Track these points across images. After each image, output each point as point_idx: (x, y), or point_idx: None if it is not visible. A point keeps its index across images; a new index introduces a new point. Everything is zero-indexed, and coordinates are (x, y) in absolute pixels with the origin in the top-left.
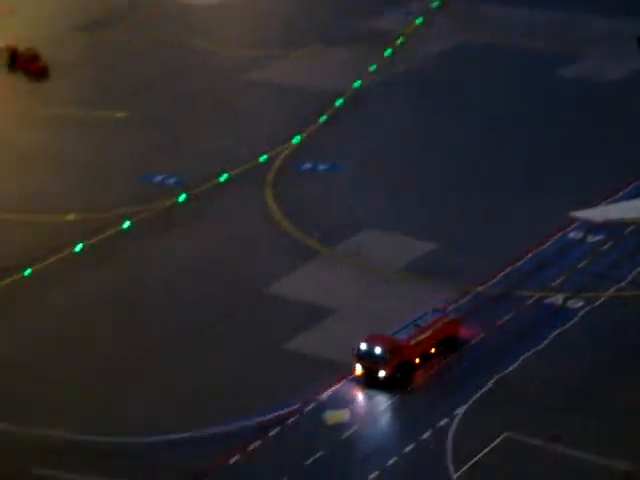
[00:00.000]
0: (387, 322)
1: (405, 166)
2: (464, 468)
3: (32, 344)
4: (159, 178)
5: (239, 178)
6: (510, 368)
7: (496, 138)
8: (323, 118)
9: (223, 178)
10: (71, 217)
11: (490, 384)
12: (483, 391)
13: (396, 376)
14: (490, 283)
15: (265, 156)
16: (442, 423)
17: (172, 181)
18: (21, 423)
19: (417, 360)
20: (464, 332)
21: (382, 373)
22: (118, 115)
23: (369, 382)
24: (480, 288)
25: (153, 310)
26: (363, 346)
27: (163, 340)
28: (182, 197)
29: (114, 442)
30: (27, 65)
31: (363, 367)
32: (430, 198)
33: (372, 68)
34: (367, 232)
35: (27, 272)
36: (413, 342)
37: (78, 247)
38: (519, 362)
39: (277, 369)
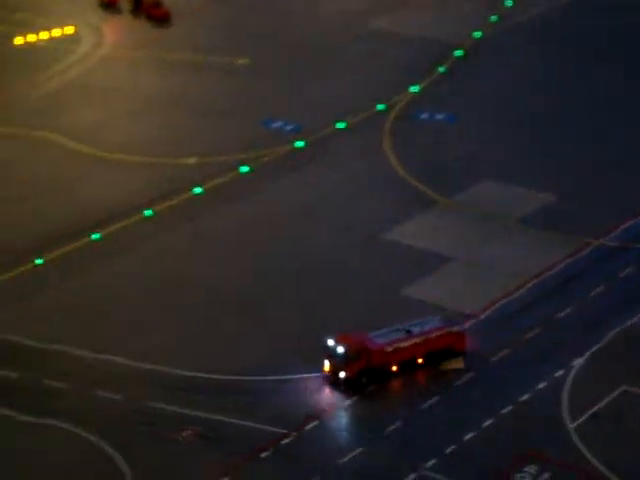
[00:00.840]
0: (503, 272)
1: (523, 117)
2: (581, 419)
3: (154, 282)
4: (278, 124)
5: (357, 126)
6: (629, 322)
7: (624, 91)
8: (442, 68)
9: (341, 125)
10: (192, 160)
11: (609, 337)
12: (601, 344)
13: (360, 380)
14: (610, 236)
15: (383, 105)
16: (558, 374)
17: (290, 127)
18: (135, 358)
19: (394, 368)
20: (471, 345)
21: (342, 374)
22: (240, 62)
23: (332, 381)
24: (599, 240)
25: (271, 251)
26: (330, 342)
27: (281, 281)
28: (300, 143)
29: (230, 380)
30: (150, 10)
31: (330, 364)
32: (549, 150)
33: (493, 18)
34: (484, 182)
35: (148, 213)
36: (390, 348)
37: (198, 189)
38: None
39: (394, 314)
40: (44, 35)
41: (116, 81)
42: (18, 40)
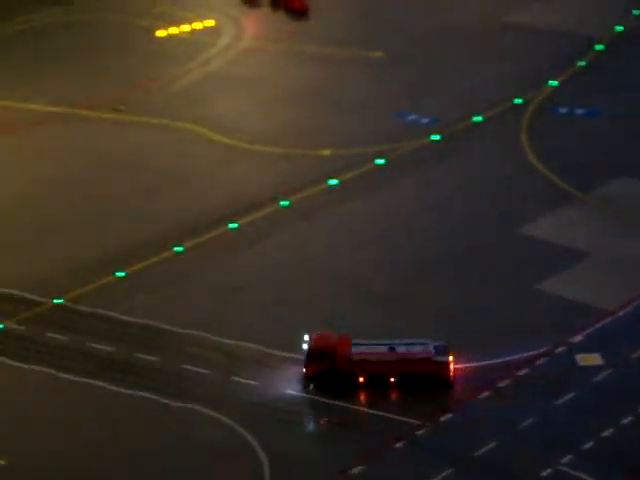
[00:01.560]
0: None
1: None
2: None
3: (290, 271)
4: (413, 117)
5: (493, 119)
6: None
7: None
8: (582, 62)
9: (478, 119)
10: (327, 152)
11: None
12: None
13: (322, 381)
14: None
15: (521, 99)
16: None
17: (426, 120)
18: (273, 346)
19: (361, 379)
20: (454, 375)
21: (303, 370)
22: (375, 54)
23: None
24: None
25: (406, 244)
26: (305, 337)
27: (415, 275)
28: (435, 137)
29: None
30: (289, 4)
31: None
32: None
33: (636, 12)
34: (623, 179)
35: (285, 203)
36: (356, 358)
37: (333, 181)
38: None
39: (529, 309)
40: (185, 28)
41: (255, 73)
42: (160, 33)
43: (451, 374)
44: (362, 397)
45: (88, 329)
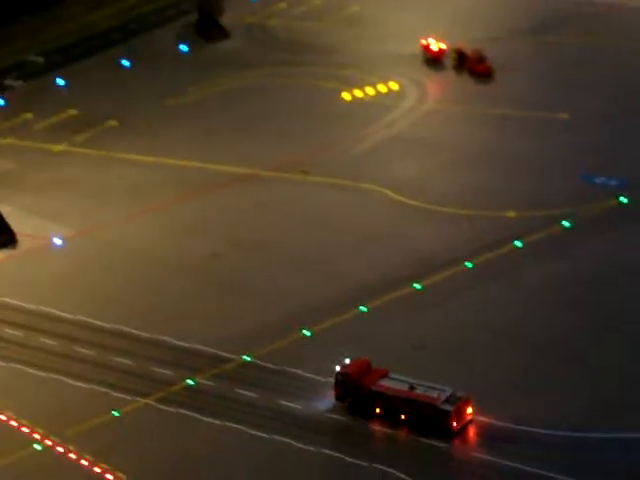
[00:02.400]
0: None
1: None
2: None
3: (474, 332)
4: (600, 178)
5: None
6: None
7: None
8: None
9: None
10: (511, 214)
11: None
12: None
13: (346, 403)
14: None
15: None
16: None
17: (614, 182)
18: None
19: (378, 410)
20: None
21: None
22: (560, 116)
23: None
24: None
25: (594, 308)
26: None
27: (602, 338)
28: (624, 199)
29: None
30: (474, 66)
31: None
32: None
33: None
34: None
35: (468, 264)
36: (374, 389)
37: (518, 243)
38: None
39: None
40: (370, 91)
41: (438, 135)
42: (346, 95)
43: (454, 424)
44: (375, 425)
45: (276, 386)
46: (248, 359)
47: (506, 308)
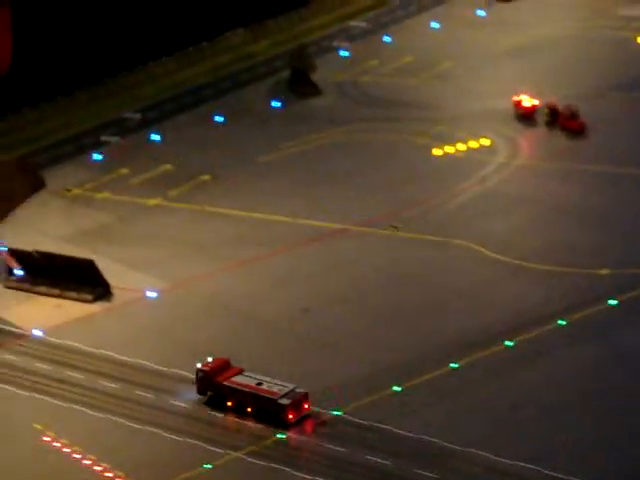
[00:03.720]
0: None
1: None
2: None
3: (564, 394)
4: None
5: None
6: None
7: None
8: None
9: None
10: (604, 271)
11: None
12: None
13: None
14: None
15: None
16: None
17: None
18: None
19: (229, 403)
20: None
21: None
22: None
23: None
24: None
25: None
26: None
27: None
28: None
29: None
30: (566, 123)
31: None
32: None
33: None
34: None
35: (561, 322)
36: (226, 383)
37: (613, 301)
38: None
39: None
40: (462, 147)
41: (530, 191)
42: (437, 151)
43: (290, 416)
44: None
45: (366, 442)
46: (338, 413)
47: (600, 369)
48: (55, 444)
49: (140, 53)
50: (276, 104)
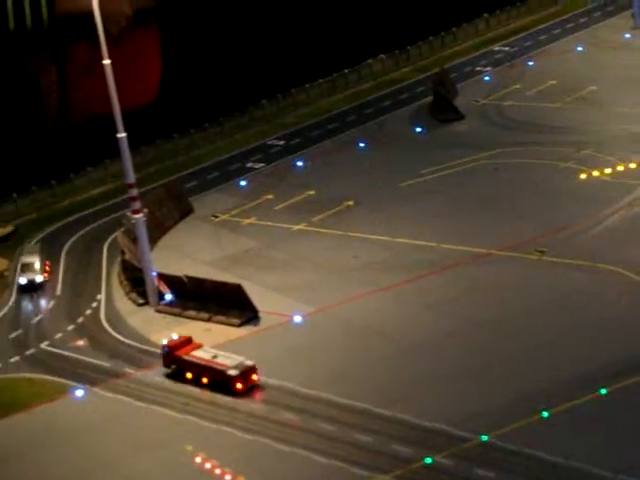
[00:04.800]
0: None
1: None
2: None
3: None
4: None
5: None
6: None
7: None
8: None
9: None
10: None
11: None
12: None
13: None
14: None
15: None
16: None
17: None
18: None
19: (189, 375)
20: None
21: None
22: None
23: None
24: None
25: None
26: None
27: None
28: None
29: None
30: None
31: None
32: None
33: None
34: None
35: None
36: (185, 357)
37: None
38: None
39: None
40: (608, 171)
41: None
42: (583, 175)
43: (238, 385)
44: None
45: (514, 468)
46: (485, 438)
47: None
48: (206, 465)
49: (283, 81)
50: (419, 129)
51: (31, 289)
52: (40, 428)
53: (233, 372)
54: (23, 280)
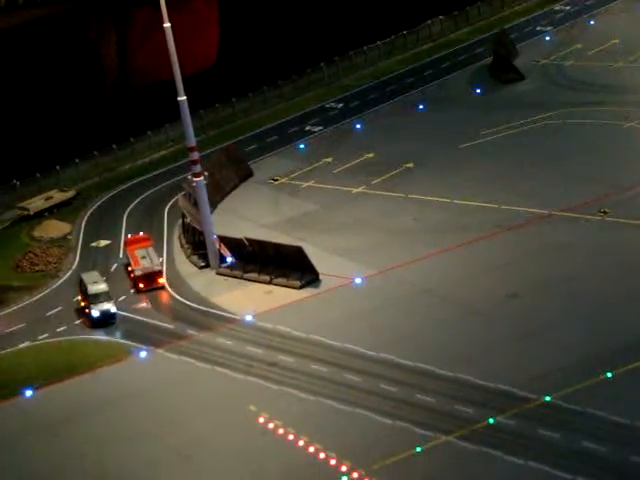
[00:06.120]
0: None
1: None
2: None
3: None
4: None
5: None
6: None
7: None
8: None
9: None
10: None
11: None
12: None
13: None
14: None
15: None
16: None
17: None
18: None
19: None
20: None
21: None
22: None
23: None
24: None
25: None
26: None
27: None
28: None
29: None
30: None
31: None
32: None
33: None
34: None
35: None
36: (128, 252)
37: None
38: None
39: None
40: None
41: None
42: None
43: (140, 286)
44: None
45: (578, 428)
46: (549, 399)
47: None
48: (269, 425)
49: (341, 44)
50: (478, 91)
51: (106, 321)
52: (106, 389)
53: (138, 272)
54: (96, 313)
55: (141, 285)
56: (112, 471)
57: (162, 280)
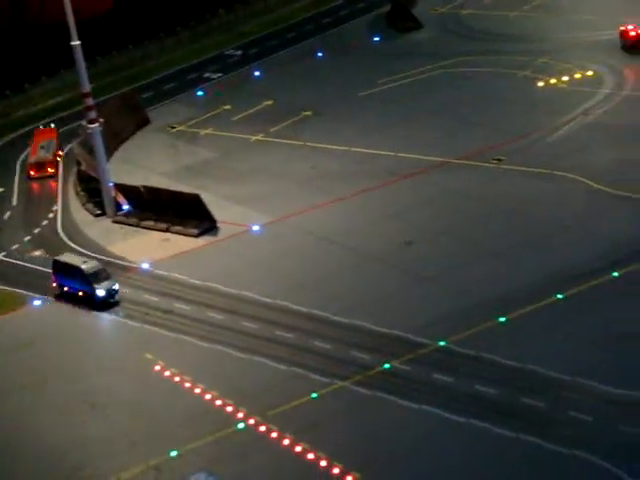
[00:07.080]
0: None
1: None
2: None
3: None
4: None
5: None
6: None
7: None
8: None
9: None
10: None
11: None
12: None
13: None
14: None
15: None
16: None
17: None
18: None
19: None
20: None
21: None
22: None
23: None
24: None
25: None
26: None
27: None
28: None
29: None
30: None
31: None
32: None
33: None
34: None
35: None
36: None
37: None
38: None
39: None
40: (565, 78)
41: (637, 121)
42: (540, 83)
43: (31, 174)
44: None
45: (471, 372)
46: (443, 344)
47: None
48: (166, 373)
49: None
50: (376, 39)
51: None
52: (1, 338)
53: (32, 160)
54: (102, 292)
55: (32, 172)
56: (22, 420)
57: (51, 170)
